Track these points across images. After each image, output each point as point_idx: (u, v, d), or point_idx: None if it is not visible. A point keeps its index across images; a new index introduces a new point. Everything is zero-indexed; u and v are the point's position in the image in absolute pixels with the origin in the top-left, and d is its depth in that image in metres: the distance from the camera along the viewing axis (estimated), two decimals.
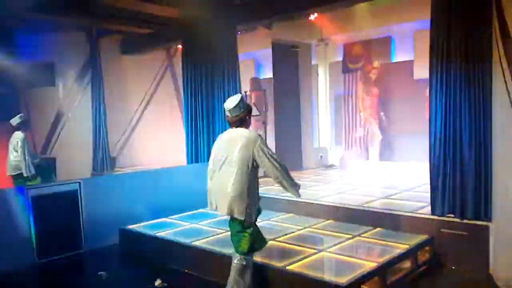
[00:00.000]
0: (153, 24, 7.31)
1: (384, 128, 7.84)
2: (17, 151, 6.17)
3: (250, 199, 3.23)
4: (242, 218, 3.21)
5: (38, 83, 8.16)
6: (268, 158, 3.22)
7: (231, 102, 3.38)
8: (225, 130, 6.30)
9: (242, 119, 3.38)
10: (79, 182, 4.96)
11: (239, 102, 3.35)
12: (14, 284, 4.19)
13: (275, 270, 3.66)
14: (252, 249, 3.28)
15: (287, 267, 3.64)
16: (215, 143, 3.57)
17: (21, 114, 6.49)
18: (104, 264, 4.58)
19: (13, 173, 6.20)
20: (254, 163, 3.25)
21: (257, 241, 3.30)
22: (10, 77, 7.72)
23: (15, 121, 6.28)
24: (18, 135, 6.24)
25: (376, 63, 7.87)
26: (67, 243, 4.89)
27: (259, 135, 3.43)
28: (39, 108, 8.29)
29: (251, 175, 3.26)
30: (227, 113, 3.40)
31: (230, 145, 3.33)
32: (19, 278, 4.29)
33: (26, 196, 4.57)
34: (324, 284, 3.32)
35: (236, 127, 3.39)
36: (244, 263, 3.26)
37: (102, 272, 4.30)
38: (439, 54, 4.32)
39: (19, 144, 6.15)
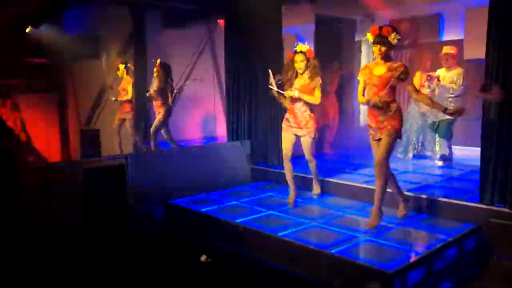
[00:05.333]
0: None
1: None
2: None
3: None
4: None
5: (83, 56, 8.34)
6: None
7: None
8: (268, 106, 6.33)
9: None
10: (126, 157, 5.10)
11: None
12: (64, 253, 4.41)
13: (318, 254, 3.68)
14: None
15: (331, 251, 3.66)
16: None
17: None
18: (149, 238, 4.74)
19: None
20: None
21: None
22: (56, 49, 7.94)
23: None
24: None
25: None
26: (113, 215, 5.07)
27: None
28: (84, 81, 8.51)
29: None
30: None
31: None
32: (69, 247, 4.51)
33: (79, 168, 4.74)
34: (370, 270, 3.32)
35: None
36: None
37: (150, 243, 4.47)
38: (498, 30, 4.09)
39: None
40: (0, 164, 4.31)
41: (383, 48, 3.85)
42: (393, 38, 3.79)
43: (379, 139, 4.06)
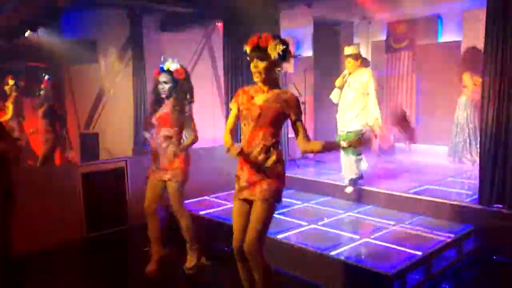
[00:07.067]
0: (194, 3, 7.26)
1: None
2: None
3: None
4: None
5: (81, 60, 8.34)
6: None
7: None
8: None
9: None
10: (126, 160, 5.10)
11: None
12: (66, 257, 4.41)
13: (317, 256, 3.69)
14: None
15: (330, 253, 3.66)
16: None
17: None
18: (148, 240, 4.73)
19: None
20: None
21: None
22: (55, 53, 7.96)
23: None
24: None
25: None
26: (113, 218, 5.08)
27: None
28: (81, 85, 8.52)
29: None
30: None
31: None
32: (70, 251, 4.52)
33: (76, 172, 4.75)
34: (369, 272, 3.33)
35: None
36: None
37: (147, 248, 4.46)
38: (495, 33, 4.10)
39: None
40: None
41: (261, 65, 2.64)
42: (273, 48, 2.60)
43: (248, 201, 2.85)
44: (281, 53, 2.61)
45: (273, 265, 3.93)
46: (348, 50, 5.21)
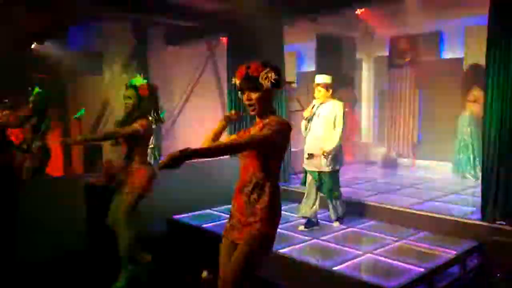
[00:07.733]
0: (199, 18, 7.35)
1: None
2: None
3: None
4: None
5: (86, 72, 8.42)
6: None
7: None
8: None
9: None
10: None
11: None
12: (69, 269, 4.40)
13: (320, 271, 3.67)
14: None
15: (332, 268, 3.65)
16: None
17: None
18: (151, 253, 4.72)
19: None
20: None
21: None
22: (60, 65, 8.03)
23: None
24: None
25: None
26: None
27: None
28: (86, 96, 8.58)
29: None
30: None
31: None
32: (72, 263, 4.50)
33: (80, 184, 4.76)
34: None
35: None
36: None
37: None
38: (497, 49, 4.13)
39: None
40: (1, 178, 4.32)
41: (254, 96, 2.41)
42: (265, 77, 2.38)
43: (234, 243, 2.47)
44: (274, 81, 2.38)
45: (275, 279, 3.95)
46: (319, 79, 4.80)
